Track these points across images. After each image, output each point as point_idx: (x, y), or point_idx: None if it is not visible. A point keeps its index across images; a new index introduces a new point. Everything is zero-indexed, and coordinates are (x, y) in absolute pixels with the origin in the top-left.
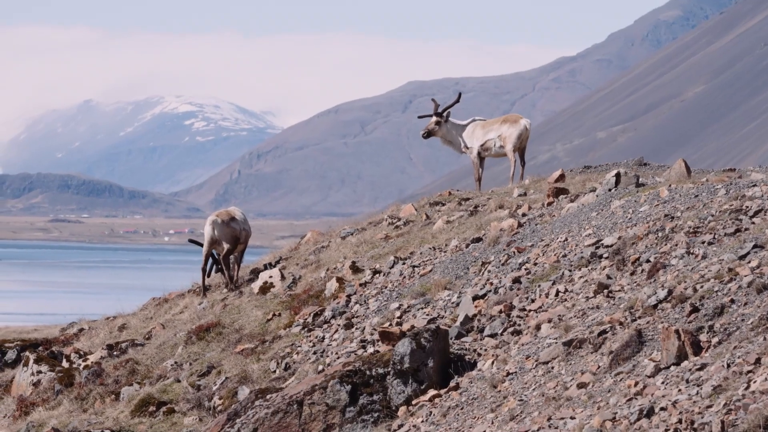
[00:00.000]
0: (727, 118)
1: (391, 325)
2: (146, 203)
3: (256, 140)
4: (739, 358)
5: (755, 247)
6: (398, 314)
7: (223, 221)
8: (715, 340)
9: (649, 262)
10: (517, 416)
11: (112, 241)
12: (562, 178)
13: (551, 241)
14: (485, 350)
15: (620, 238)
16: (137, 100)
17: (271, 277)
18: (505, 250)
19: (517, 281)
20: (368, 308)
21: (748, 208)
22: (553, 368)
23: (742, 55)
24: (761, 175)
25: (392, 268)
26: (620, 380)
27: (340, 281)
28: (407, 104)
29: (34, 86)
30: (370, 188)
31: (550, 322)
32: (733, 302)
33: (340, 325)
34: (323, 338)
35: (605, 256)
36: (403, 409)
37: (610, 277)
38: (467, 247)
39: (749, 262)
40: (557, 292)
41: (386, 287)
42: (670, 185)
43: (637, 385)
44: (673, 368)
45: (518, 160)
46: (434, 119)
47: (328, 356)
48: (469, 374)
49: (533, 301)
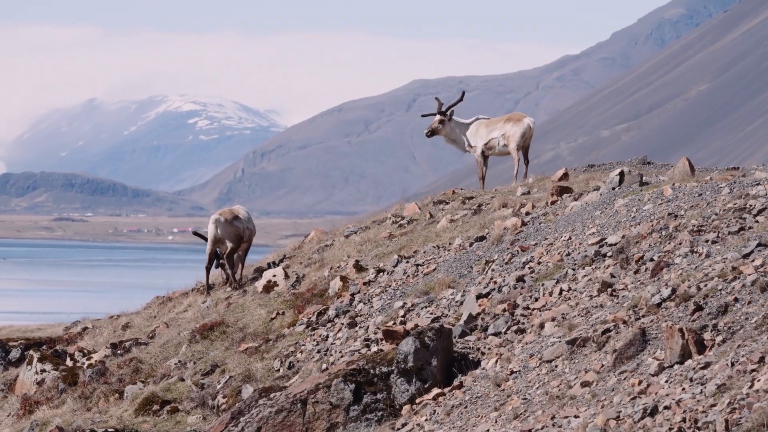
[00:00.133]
0: (731, 116)
1: (394, 323)
2: (150, 202)
3: (259, 139)
4: (743, 356)
5: (759, 245)
6: (402, 313)
7: (226, 220)
8: (719, 338)
9: (652, 260)
10: (520, 415)
11: (115, 239)
12: (565, 176)
13: (555, 239)
14: (489, 349)
15: (624, 236)
16: (141, 98)
17: (274, 275)
18: (508, 248)
19: (520, 280)
20: (372, 307)
21: (752, 206)
22: (556, 367)
23: (746, 53)
24: (765, 173)
25: (396, 266)
26: (624, 379)
27: (343, 280)
28: (411, 103)
29: (37, 85)
30: (373, 187)
31: (553, 320)
32: (737, 301)
33: (343, 323)
34: (327, 337)
35: (609, 254)
36: (406, 407)
37: (613, 275)
38: (471, 245)
39: (753, 260)
40: (561, 290)
41: (390, 286)
42: (673, 184)
43: (640, 383)
44: (676, 367)
45: (522, 158)
46: (438, 118)
47: (331, 355)
48: (472, 373)
49: (537, 299)
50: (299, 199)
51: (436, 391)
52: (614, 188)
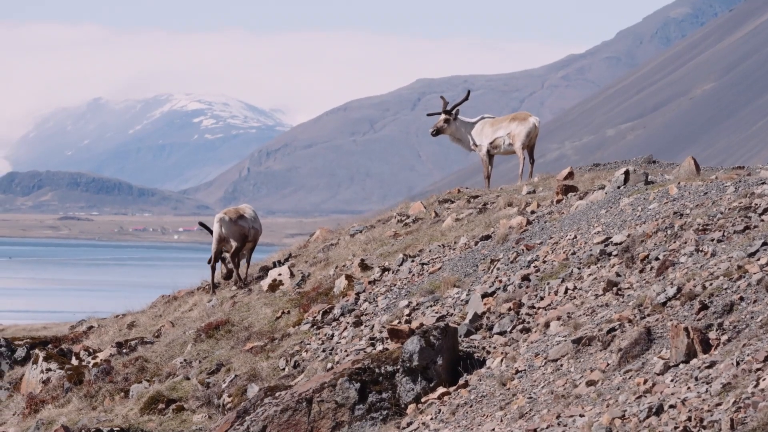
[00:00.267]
0: (736, 115)
1: (400, 322)
2: (155, 201)
3: (265, 138)
4: (748, 355)
5: (764, 244)
6: (407, 312)
7: (231, 219)
8: (724, 337)
9: (658, 259)
10: (526, 414)
11: (121, 238)
12: (571, 175)
13: (560, 238)
14: (494, 348)
15: (629, 235)
16: (146, 97)
17: (280, 274)
18: (514, 247)
19: (526, 279)
20: (377, 306)
21: (757, 205)
22: (562, 366)
23: (751, 52)
24: None
25: (401, 265)
26: (629, 378)
27: (349, 279)
28: (416, 102)
29: (43, 84)
30: (378, 186)
31: (559, 319)
32: (742, 300)
33: (349, 322)
34: (332, 336)
35: (614, 253)
36: (412, 406)
37: (619, 274)
38: (476, 244)
39: (758, 259)
40: (566, 289)
41: (395, 285)
42: (679, 183)
43: (646, 382)
44: (682, 366)
45: (527, 157)
46: (443, 117)
47: (337, 354)
48: (478, 372)
49: (542, 298)
50: (305, 198)
51: (441, 390)
52: (619, 187)
